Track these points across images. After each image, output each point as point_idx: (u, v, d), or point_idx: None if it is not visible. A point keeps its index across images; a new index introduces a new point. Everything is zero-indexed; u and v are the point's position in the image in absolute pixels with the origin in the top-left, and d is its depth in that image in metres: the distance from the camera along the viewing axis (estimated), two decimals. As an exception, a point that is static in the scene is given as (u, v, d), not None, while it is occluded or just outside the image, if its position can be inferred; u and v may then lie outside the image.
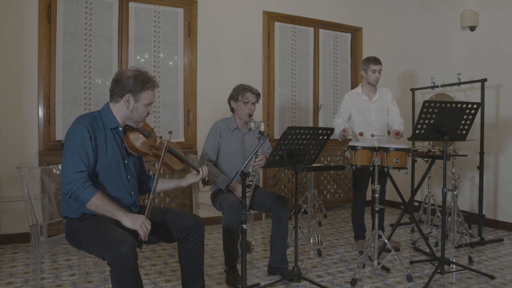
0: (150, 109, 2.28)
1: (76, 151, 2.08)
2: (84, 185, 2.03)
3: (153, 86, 2.26)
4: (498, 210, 4.64)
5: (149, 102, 2.25)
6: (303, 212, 4.54)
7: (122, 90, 2.19)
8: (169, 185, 2.49)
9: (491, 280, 3.04)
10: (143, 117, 2.28)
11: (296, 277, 2.91)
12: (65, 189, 2.04)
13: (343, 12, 5.74)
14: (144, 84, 2.22)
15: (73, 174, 2.03)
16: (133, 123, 2.28)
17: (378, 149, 3.23)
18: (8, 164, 3.83)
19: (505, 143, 4.57)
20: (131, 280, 1.92)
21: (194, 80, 4.71)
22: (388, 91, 3.93)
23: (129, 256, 1.89)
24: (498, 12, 4.61)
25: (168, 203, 4.49)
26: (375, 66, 3.74)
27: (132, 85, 2.19)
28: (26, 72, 3.97)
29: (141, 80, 2.21)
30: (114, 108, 2.25)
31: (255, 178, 3.08)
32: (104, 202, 2.04)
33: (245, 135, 3.29)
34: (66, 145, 2.12)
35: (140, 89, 2.20)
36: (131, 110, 2.22)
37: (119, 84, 2.20)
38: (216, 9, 4.84)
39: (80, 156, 2.07)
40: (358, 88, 3.88)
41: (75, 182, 2.02)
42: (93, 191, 2.03)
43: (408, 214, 4.47)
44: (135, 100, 2.21)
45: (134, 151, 2.25)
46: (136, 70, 2.25)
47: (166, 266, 3.33)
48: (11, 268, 3.25)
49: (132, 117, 2.24)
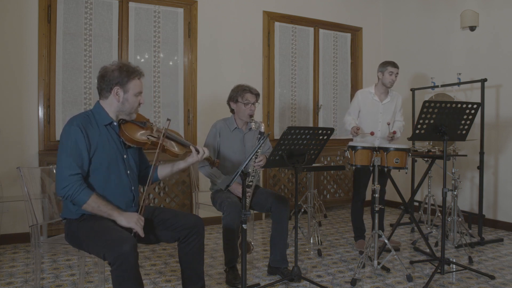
0: (141, 99, 2.28)
1: (70, 153, 2.08)
2: (79, 188, 2.05)
3: (139, 75, 2.26)
4: (498, 210, 4.64)
5: (138, 91, 2.25)
6: (303, 212, 4.54)
7: (109, 84, 2.20)
8: (168, 169, 2.46)
9: (491, 280, 3.04)
10: (135, 108, 2.27)
11: (296, 277, 2.90)
12: (61, 192, 2.07)
13: (343, 12, 5.74)
14: (130, 74, 2.22)
15: (68, 178, 2.05)
16: (126, 116, 2.27)
17: (378, 149, 3.23)
18: (8, 164, 3.83)
19: (505, 143, 4.57)
20: (132, 279, 1.92)
21: (194, 80, 4.71)
22: (399, 96, 3.99)
23: (130, 255, 1.90)
24: (498, 12, 4.61)
25: (168, 203, 4.50)
26: (393, 68, 3.79)
27: (118, 77, 2.19)
28: (26, 72, 3.97)
29: (126, 70, 2.21)
30: (105, 104, 2.24)
31: (255, 179, 3.08)
32: (100, 203, 2.09)
33: (245, 135, 3.29)
34: (60, 147, 2.13)
35: (126, 79, 2.20)
36: (122, 102, 2.22)
37: (105, 79, 2.20)
38: (216, 9, 4.84)
39: (74, 158, 2.08)
40: (371, 88, 3.92)
41: (71, 186, 2.05)
42: (89, 193, 2.07)
43: (408, 214, 4.47)
44: (124, 91, 2.21)
45: (131, 142, 2.23)
46: (119, 62, 2.26)
47: (166, 266, 3.33)
48: (11, 268, 3.25)
49: (124, 109, 2.24)
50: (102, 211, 2.09)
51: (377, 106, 3.86)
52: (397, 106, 3.93)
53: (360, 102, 3.90)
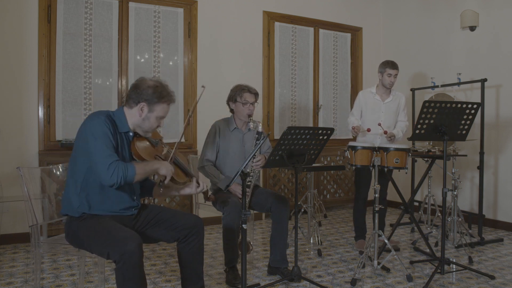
0: (161, 122, 2.29)
1: (106, 144, 2.07)
2: (124, 167, 2.05)
3: (170, 100, 2.27)
4: (498, 210, 4.64)
5: (162, 116, 2.26)
6: (303, 212, 4.54)
7: (139, 97, 2.19)
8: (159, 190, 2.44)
9: (491, 280, 3.04)
10: (153, 128, 2.28)
11: (296, 277, 2.90)
12: (112, 180, 2.02)
13: (343, 12, 5.74)
14: (162, 97, 2.21)
15: (111, 164, 2.02)
16: (142, 132, 2.28)
17: (378, 149, 3.24)
18: (8, 164, 3.82)
19: (505, 143, 4.57)
20: (136, 277, 1.93)
21: (194, 80, 4.71)
22: (403, 96, 3.98)
23: (135, 254, 1.91)
24: (498, 12, 4.61)
25: (168, 203, 4.50)
26: (391, 70, 3.80)
27: (150, 95, 2.19)
28: (26, 72, 3.97)
29: (159, 92, 2.21)
30: (127, 113, 2.25)
31: (254, 179, 3.08)
32: (142, 166, 2.13)
33: (244, 135, 3.29)
34: (92, 140, 2.06)
35: (156, 100, 2.20)
36: (143, 119, 2.22)
37: (138, 91, 2.20)
38: (216, 9, 4.83)
39: (110, 148, 2.07)
40: (373, 88, 3.94)
41: (117, 170, 2.03)
42: (132, 166, 2.08)
43: (408, 214, 4.47)
44: (149, 110, 2.21)
45: (138, 158, 2.24)
46: (157, 81, 2.25)
47: (166, 266, 3.33)
48: (11, 268, 3.25)
49: (142, 126, 2.25)
50: (148, 171, 2.14)
51: (379, 105, 3.88)
52: (400, 106, 3.93)
53: (361, 102, 3.93)
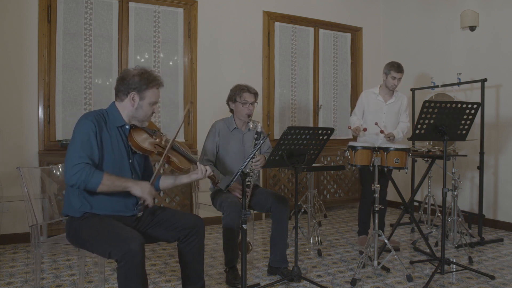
0: (155, 108, 2.29)
1: (81, 146, 2.08)
2: (90, 172, 2.03)
3: (158, 84, 2.27)
4: (498, 210, 4.64)
5: (154, 101, 2.26)
6: (303, 212, 4.54)
7: (127, 88, 2.21)
8: (171, 181, 2.44)
9: (491, 280, 3.04)
10: (148, 116, 2.28)
11: (296, 277, 2.91)
12: (72, 179, 2.02)
13: (343, 12, 5.74)
14: (150, 82, 2.23)
15: (77, 165, 2.02)
16: (138, 122, 2.29)
17: (378, 149, 3.24)
18: (8, 164, 3.82)
19: (505, 143, 4.57)
20: (138, 277, 1.93)
21: (194, 80, 4.71)
22: (405, 97, 4.00)
23: (138, 253, 1.91)
24: (498, 12, 4.61)
25: (168, 203, 4.49)
26: (396, 73, 3.81)
27: (138, 83, 2.20)
28: (26, 72, 3.97)
29: (146, 78, 2.22)
30: (119, 106, 2.26)
31: (253, 179, 3.08)
32: (113, 179, 2.09)
33: (244, 135, 3.29)
34: (72, 140, 2.12)
35: (145, 87, 2.21)
36: (136, 108, 2.23)
37: (124, 82, 2.21)
38: (216, 9, 4.83)
39: (84, 150, 2.07)
40: (376, 88, 3.96)
41: (81, 171, 2.01)
42: (101, 174, 2.05)
43: (408, 214, 4.47)
44: (140, 98, 2.22)
45: (138, 149, 2.25)
46: (142, 68, 2.26)
47: (166, 266, 3.33)
48: (11, 268, 3.25)
49: (137, 115, 2.25)
50: (117, 186, 2.09)
51: (381, 106, 3.89)
52: (402, 107, 3.94)
53: (364, 103, 3.94)
